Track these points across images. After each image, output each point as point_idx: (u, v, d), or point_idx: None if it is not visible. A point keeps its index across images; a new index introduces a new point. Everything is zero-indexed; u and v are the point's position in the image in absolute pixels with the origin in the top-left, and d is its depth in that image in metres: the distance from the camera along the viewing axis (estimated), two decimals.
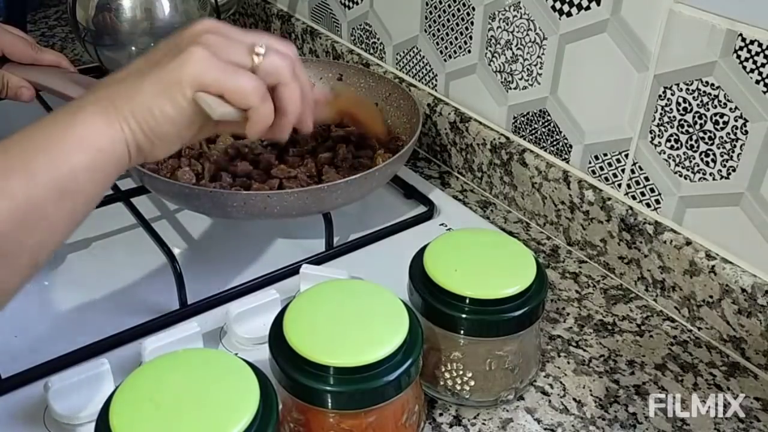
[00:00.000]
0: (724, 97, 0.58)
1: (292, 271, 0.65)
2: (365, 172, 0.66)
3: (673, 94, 0.62)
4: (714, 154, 0.60)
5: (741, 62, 0.56)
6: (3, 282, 0.44)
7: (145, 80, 0.47)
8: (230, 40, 0.49)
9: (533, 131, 0.77)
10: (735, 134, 0.58)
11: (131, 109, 0.46)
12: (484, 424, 0.55)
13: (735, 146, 0.59)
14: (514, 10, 0.74)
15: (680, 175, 0.64)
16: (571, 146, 0.73)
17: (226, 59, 0.48)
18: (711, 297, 0.62)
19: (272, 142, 0.69)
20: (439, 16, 0.83)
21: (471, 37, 0.80)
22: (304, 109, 0.53)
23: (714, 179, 0.61)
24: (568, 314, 0.66)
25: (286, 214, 0.65)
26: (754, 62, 0.55)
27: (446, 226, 0.75)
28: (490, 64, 0.79)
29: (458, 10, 0.80)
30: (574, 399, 0.58)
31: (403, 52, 0.91)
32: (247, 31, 0.51)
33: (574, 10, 0.67)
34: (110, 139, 0.45)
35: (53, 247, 0.46)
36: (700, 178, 0.62)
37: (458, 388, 0.55)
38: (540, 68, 0.73)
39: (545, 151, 0.76)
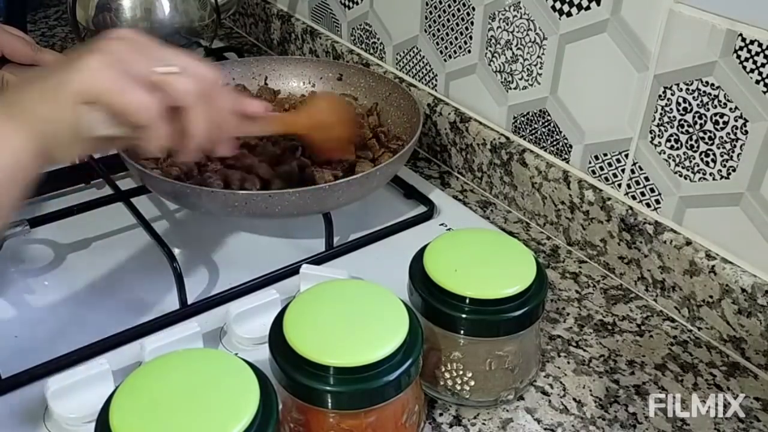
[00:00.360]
0: (724, 97, 0.58)
1: (292, 271, 0.65)
2: (365, 172, 0.66)
3: (673, 94, 0.62)
4: (714, 154, 0.60)
5: (741, 62, 0.56)
6: None
7: (34, 85, 0.45)
8: (139, 52, 0.46)
9: (533, 131, 0.77)
10: (735, 134, 0.58)
11: (26, 115, 0.44)
12: (484, 424, 0.55)
13: (735, 146, 0.59)
14: (514, 10, 0.74)
15: (680, 175, 0.64)
16: (571, 146, 0.73)
17: (124, 71, 0.45)
18: (711, 297, 0.62)
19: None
20: (439, 16, 0.83)
21: (471, 37, 0.80)
22: (216, 134, 0.51)
23: (714, 179, 0.61)
24: (568, 314, 0.66)
25: (286, 214, 0.65)
26: (754, 62, 0.55)
27: (446, 226, 0.75)
28: (490, 64, 0.79)
29: (458, 10, 0.80)
30: (574, 399, 0.58)
31: (403, 52, 0.91)
32: (169, 49, 0.49)
33: (574, 10, 0.67)
34: (11, 149, 0.43)
35: None
36: (700, 178, 0.62)
37: (458, 388, 0.55)
38: (540, 68, 0.73)
39: (545, 151, 0.76)
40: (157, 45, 0.48)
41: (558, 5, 0.69)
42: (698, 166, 0.62)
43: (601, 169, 0.71)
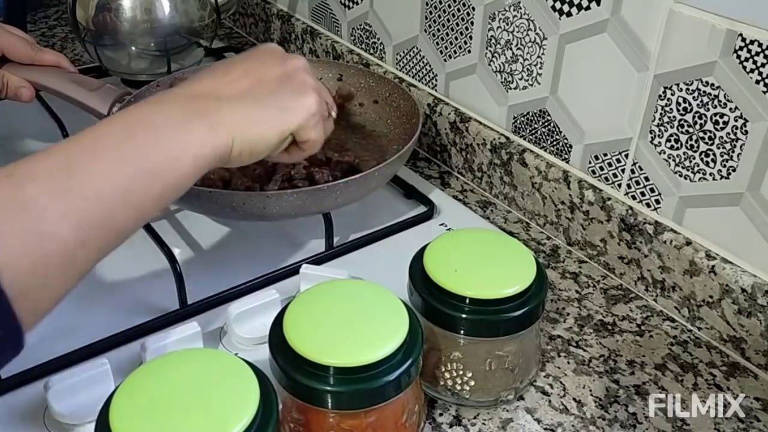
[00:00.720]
0: (724, 97, 0.58)
1: (292, 271, 0.65)
2: (365, 172, 0.66)
3: (673, 94, 0.62)
4: (714, 154, 0.60)
5: (741, 62, 0.56)
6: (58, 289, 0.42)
7: (266, 108, 0.51)
8: (322, 90, 0.57)
9: (533, 131, 0.77)
10: (735, 134, 0.58)
11: (242, 128, 0.49)
12: (484, 424, 0.55)
13: (735, 146, 0.59)
14: (514, 10, 0.74)
15: (680, 175, 0.64)
16: (571, 146, 0.73)
17: (320, 113, 0.55)
18: (711, 297, 0.62)
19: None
20: (439, 16, 0.83)
21: (471, 37, 0.80)
22: None
23: (714, 179, 0.61)
24: (568, 314, 0.66)
25: (285, 215, 0.65)
26: (754, 62, 0.55)
27: (446, 226, 0.75)
28: (490, 64, 0.79)
29: (458, 10, 0.80)
30: (574, 399, 0.58)
31: (403, 52, 0.91)
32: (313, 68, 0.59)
33: (574, 10, 0.67)
34: (211, 150, 0.47)
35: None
36: (700, 178, 0.62)
37: (458, 388, 0.55)
38: (540, 68, 0.73)
39: (545, 151, 0.76)
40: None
41: (558, 5, 0.69)
42: (698, 166, 0.62)
43: (601, 169, 0.71)
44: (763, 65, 0.55)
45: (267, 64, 0.54)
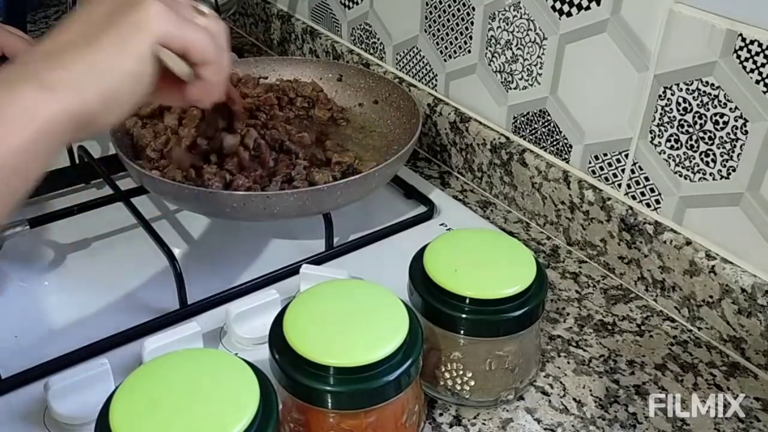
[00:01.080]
0: (724, 97, 0.58)
1: (292, 271, 0.65)
2: (366, 173, 0.66)
3: (673, 94, 0.62)
4: (714, 154, 0.60)
5: (741, 62, 0.56)
6: None
7: (102, 41, 0.44)
8: None
9: (533, 131, 0.77)
10: (735, 134, 0.58)
11: (88, 75, 0.43)
12: (484, 424, 0.55)
13: (735, 146, 0.59)
14: (514, 10, 0.74)
15: (680, 175, 0.64)
16: (571, 146, 0.73)
17: (180, 15, 0.46)
18: (711, 297, 0.62)
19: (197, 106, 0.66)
20: (439, 16, 0.83)
21: (471, 37, 0.80)
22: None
23: (714, 179, 0.61)
24: (568, 314, 0.66)
25: (285, 215, 0.65)
26: (754, 62, 0.55)
27: (446, 226, 0.75)
28: (490, 64, 0.79)
29: (458, 10, 0.80)
30: (574, 399, 0.58)
31: (403, 52, 0.91)
32: None
33: (574, 10, 0.67)
34: (52, 115, 0.41)
35: None
36: (700, 178, 0.62)
37: (458, 388, 0.55)
38: (540, 68, 0.73)
39: (545, 151, 0.76)
40: None
41: (558, 5, 0.69)
42: (698, 166, 0.62)
43: (601, 169, 0.71)
44: (763, 65, 0.55)
45: (96, 2, 0.47)
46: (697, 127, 0.61)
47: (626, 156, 0.68)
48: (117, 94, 0.44)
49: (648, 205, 0.67)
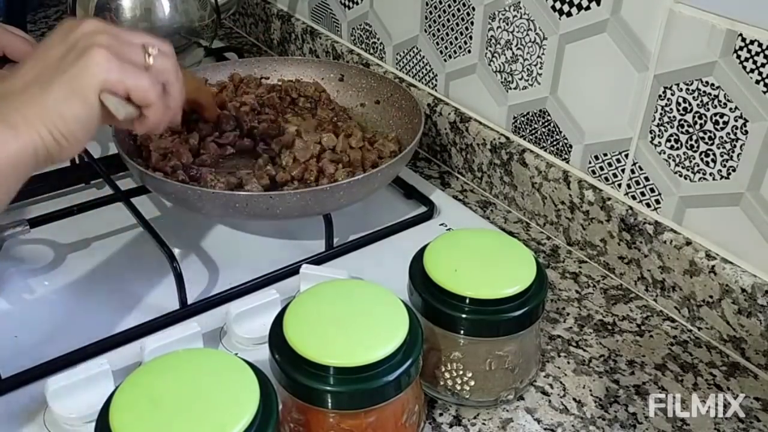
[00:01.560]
0: (724, 97, 0.58)
1: (292, 271, 0.65)
2: (368, 173, 0.66)
3: (673, 94, 0.62)
4: (714, 154, 0.60)
5: (741, 62, 0.56)
6: None
7: (53, 86, 0.48)
8: (122, 40, 0.51)
9: (533, 131, 0.77)
10: (735, 134, 0.58)
11: (42, 117, 0.47)
12: (484, 424, 0.55)
13: (735, 146, 0.59)
14: (514, 10, 0.74)
15: (680, 175, 0.64)
16: (571, 146, 0.73)
17: (125, 60, 0.50)
18: (711, 297, 0.62)
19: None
20: (439, 16, 0.83)
21: (471, 37, 0.80)
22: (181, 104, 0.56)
23: (714, 179, 0.61)
24: (568, 314, 0.66)
25: (287, 215, 0.65)
26: (754, 62, 0.55)
27: (446, 226, 0.75)
28: (490, 64, 0.79)
29: (458, 10, 0.80)
30: (574, 399, 0.58)
31: (403, 52, 0.91)
32: (126, 29, 0.54)
33: (574, 10, 0.67)
34: (17, 151, 0.46)
35: None
36: (700, 178, 0.62)
37: (458, 388, 0.55)
38: (540, 68, 0.73)
39: (545, 151, 0.76)
40: (119, 28, 0.53)
41: (558, 5, 0.69)
42: (698, 166, 0.62)
43: (601, 169, 0.71)
44: (763, 65, 0.55)
45: (50, 45, 0.51)
46: (697, 127, 0.61)
47: (626, 156, 0.68)
48: (70, 134, 0.48)
49: (648, 205, 0.67)
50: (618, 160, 0.69)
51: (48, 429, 0.52)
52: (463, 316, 0.52)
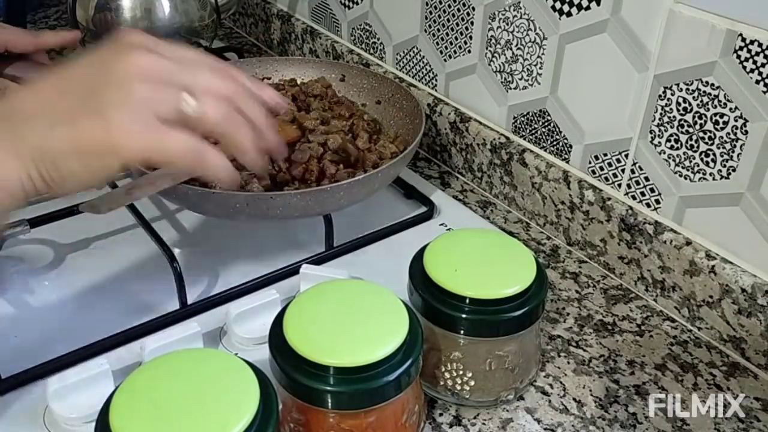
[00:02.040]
0: (724, 97, 0.58)
1: (292, 271, 0.65)
2: (369, 173, 0.66)
3: (673, 94, 0.62)
4: (714, 154, 0.60)
5: (741, 62, 0.56)
6: None
7: (58, 130, 0.41)
8: (161, 82, 0.43)
9: (533, 131, 0.77)
10: (735, 134, 0.58)
11: (36, 159, 0.41)
12: (484, 424, 0.55)
13: (735, 146, 0.59)
14: (514, 10, 0.74)
15: (680, 175, 0.64)
16: (571, 146, 0.73)
17: (153, 117, 0.42)
18: (711, 297, 0.62)
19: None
20: (439, 16, 0.83)
21: (471, 37, 0.80)
22: (266, 141, 0.48)
23: (714, 179, 0.61)
24: (568, 314, 0.66)
25: (288, 216, 0.65)
26: (754, 62, 0.55)
27: (446, 226, 0.75)
28: (490, 64, 0.79)
29: (458, 10, 0.80)
30: (574, 399, 0.58)
31: (403, 52, 0.91)
32: (179, 48, 0.46)
33: (574, 10, 0.67)
34: (7, 176, 0.41)
35: None
36: (700, 178, 0.62)
37: (458, 388, 0.55)
38: (540, 68, 0.73)
39: (545, 151, 0.76)
40: (169, 45, 0.45)
41: (558, 5, 0.69)
42: (698, 166, 0.62)
43: (601, 169, 0.71)
44: (763, 65, 0.55)
45: (78, 69, 0.43)
46: (697, 127, 0.61)
47: (626, 156, 0.68)
48: (62, 182, 0.43)
49: (648, 205, 0.67)
50: (618, 160, 0.69)
51: (48, 429, 0.52)
52: (463, 316, 0.52)
